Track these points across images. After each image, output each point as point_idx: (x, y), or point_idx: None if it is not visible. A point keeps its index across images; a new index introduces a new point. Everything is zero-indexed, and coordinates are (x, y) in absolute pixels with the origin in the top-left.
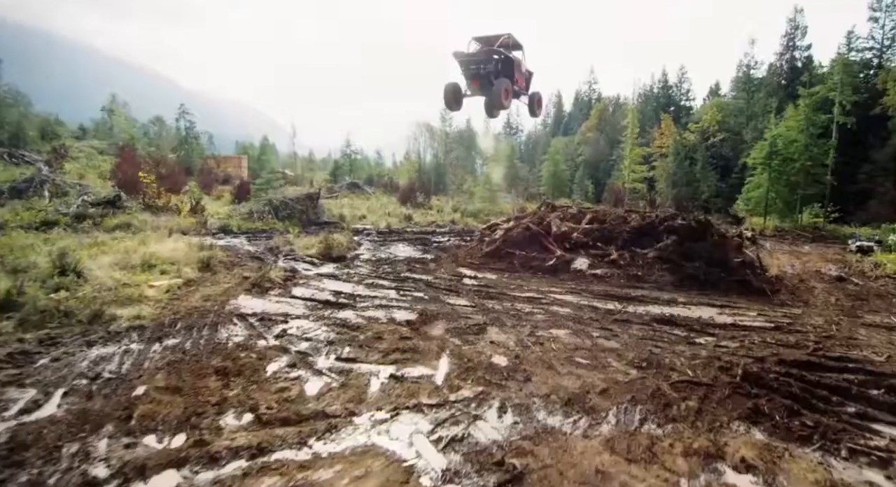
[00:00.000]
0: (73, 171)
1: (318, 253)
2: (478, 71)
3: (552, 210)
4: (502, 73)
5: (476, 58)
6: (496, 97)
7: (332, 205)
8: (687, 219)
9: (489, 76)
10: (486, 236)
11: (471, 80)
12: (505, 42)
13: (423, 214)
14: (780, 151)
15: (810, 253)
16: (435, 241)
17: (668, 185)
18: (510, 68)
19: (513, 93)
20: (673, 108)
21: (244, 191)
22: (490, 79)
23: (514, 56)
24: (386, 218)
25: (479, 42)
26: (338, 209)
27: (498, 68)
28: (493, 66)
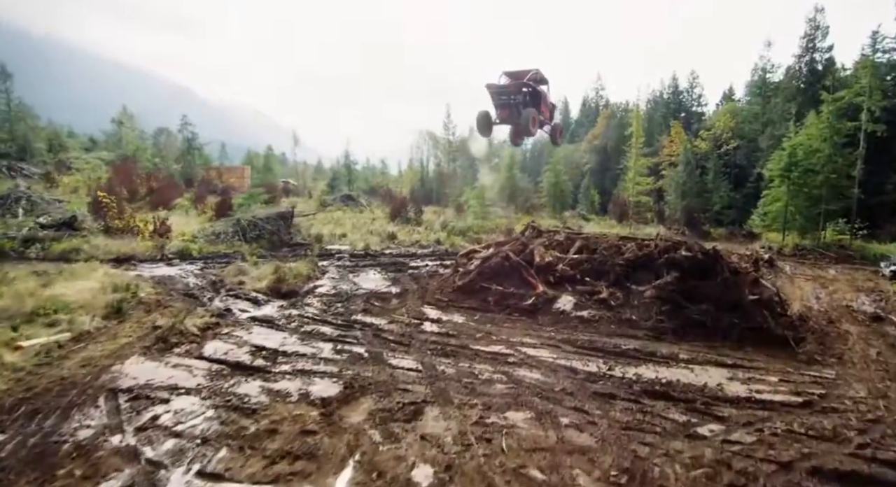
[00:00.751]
0: (71, 184)
1: (268, 288)
2: (508, 101)
3: (537, 235)
4: (530, 104)
5: (507, 90)
6: (524, 125)
7: (320, 219)
8: (692, 249)
9: (518, 106)
10: (462, 266)
11: (501, 110)
12: (533, 77)
13: (410, 232)
14: (801, 162)
15: (837, 278)
16: (411, 267)
17: (678, 196)
18: (537, 100)
19: (538, 122)
20: (684, 115)
21: (225, 207)
22: (519, 109)
23: (541, 89)
24: (367, 237)
25: (509, 76)
26: (320, 226)
27: (526, 100)
28: (522, 98)
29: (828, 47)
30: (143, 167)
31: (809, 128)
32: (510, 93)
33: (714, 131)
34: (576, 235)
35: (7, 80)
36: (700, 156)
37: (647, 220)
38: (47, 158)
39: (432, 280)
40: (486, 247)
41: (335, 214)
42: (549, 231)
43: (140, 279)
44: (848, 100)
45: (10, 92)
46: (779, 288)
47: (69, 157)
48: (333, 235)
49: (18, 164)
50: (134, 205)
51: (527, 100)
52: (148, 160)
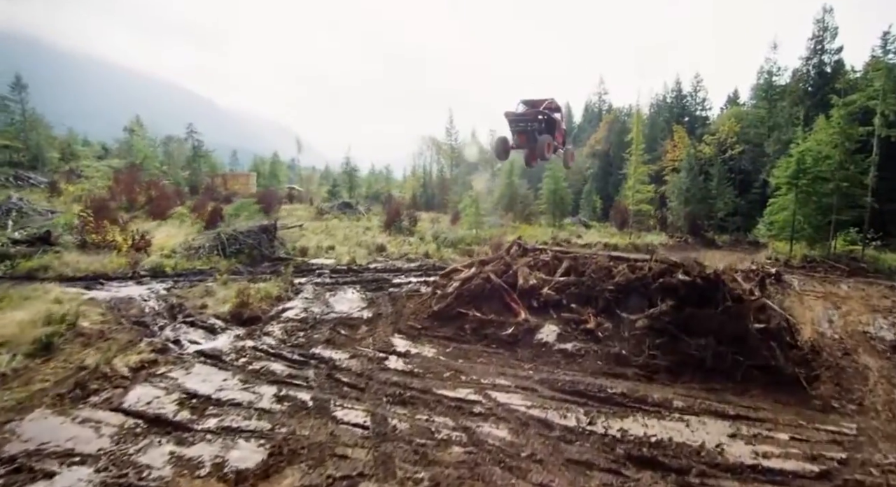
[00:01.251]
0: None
1: (230, 313)
2: (525, 128)
3: (523, 254)
4: (545, 131)
5: (524, 117)
6: (540, 150)
7: (312, 229)
8: (690, 273)
9: (534, 133)
10: (441, 287)
11: (518, 136)
12: (549, 105)
13: (401, 243)
14: (810, 169)
15: (850, 295)
16: (394, 284)
17: (681, 202)
18: (552, 127)
19: (552, 148)
20: (687, 119)
21: (215, 217)
22: (535, 135)
23: (555, 117)
24: (355, 249)
25: (526, 104)
26: (310, 238)
27: (542, 127)
28: (538, 125)
29: (837, 49)
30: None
31: (818, 133)
32: (527, 121)
33: (718, 136)
34: (564, 254)
35: (22, 91)
36: (704, 161)
37: (650, 227)
38: (59, 167)
39: (410, 301)
40: (468, 267)
41: (331, 222)
42: (536, 249)
43: (93, 303)
44: (860, 104)
45: (26, 102)
46: (787, 310)
47: (80, 166)
48: (320, 248)
49: (26, 173)
50: (132, 214)
51: (542, 128)
52: (156, 168)
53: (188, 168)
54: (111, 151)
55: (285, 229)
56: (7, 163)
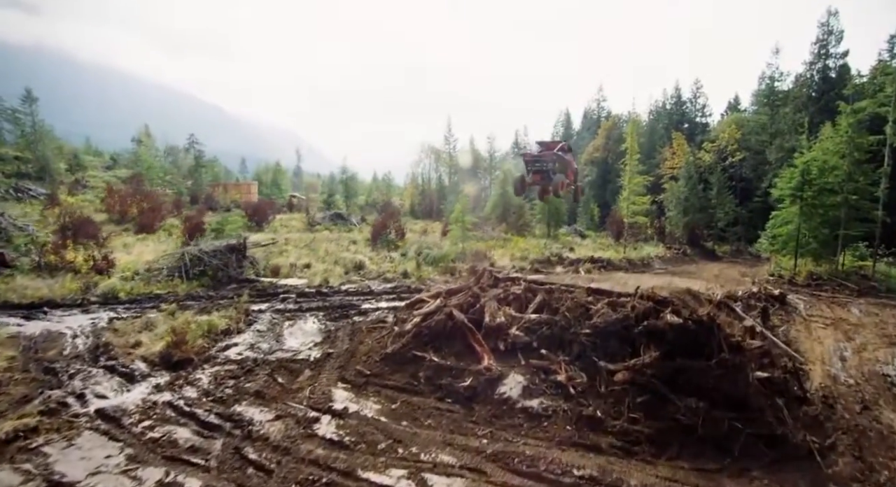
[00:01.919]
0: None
1: (160, 353)
2: (541, 168)
3: (493, 284)
4: (559, 171)
5: (541, 159)
6: (555, 189)
7: (297, 241)
8: (679, 313)
9: (549, 173)
10: (400, 322)
11: (533, 174)
12: (562, 147)
13: (383, 259)
14: (815, 180)
15: (862, 322)
16: (361, 311)
17: (679, 212)
18: (565, 167)
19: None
20: (687, 125)
21: (195, 231)
22: (549, 175)
23: (567, 158)
24: (332, 268)
25: (541, 145)
26: (290, 253)
27: (556, 167)
28: (552, 166)
29: (842, 53)
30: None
31: (825, 142)
32: (543, 162)
33: (718, 143)
34: (538, 286)
35: (33, 104)
36: (704, 168)
37: (648, 237)
38: (65, 177)
39: (370, 335)
40: (434, 297)
41: (319, 235)
42: (508, 279)
43: (11, 342)
44: (870, 111)
45: (36, 114)
46: (794, 343)
47: (86, 176)
48: (295, 266)
49: (26, 185)
50: (122, 227)
51: (556, 168)
52: (160, 177)
53: (190, 177)
54: (119, 161)
55: (257, 247)
56: (15, 174)
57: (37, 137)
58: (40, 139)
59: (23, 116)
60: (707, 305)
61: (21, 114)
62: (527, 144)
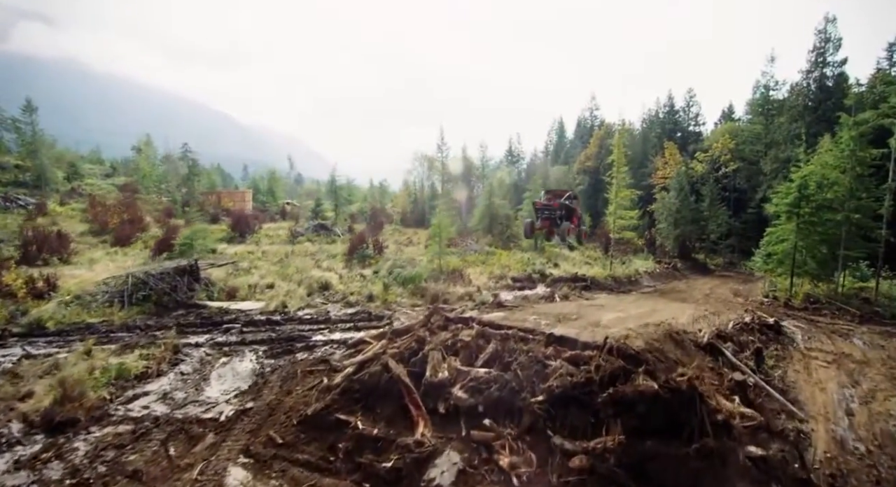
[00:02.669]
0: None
1: (44, 411)
2: (550, 216)
3: (444, 324)
4: (565, 218)
5: (549, 207)
6: (562, 234)
7: (275, 253)
8: (655, 374)
9: (557, 219)
10: (329, 373)
11: (542, 220)
12: (569, 196)
13: (353, 278)
14: (813, 196)
15: (867, 357)
16: (309, 344)
17: (670, 224)
18: (571, 214)
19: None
20: (680, 135)
21: (164, 245)
22: (557, 222)
23: (573, 206)
24: (296, 288)
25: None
26: (259, 268)
27: (563, 214)
28: (560, 213)
29: (840, 61)
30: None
31: (824, 155)
32: (552, 210)
33: (712, 153)
34: (494, 330)
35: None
36: (696, 179)
37: (638, 249)
38: (62, 186)
39: (304, 381)
40: (378, 338)
41: (298, 247)
42: (461, 320)
43: None
44: (874, 122)
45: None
46: (791, 389)
47: (82, 185)
48: (254, 287)
49: (17, 193)
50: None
51: (563, 215)
52: (155, 186)
53: (184, 186)
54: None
55: (214, 267)
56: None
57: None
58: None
59: (23, 125)
60: (692, 354)
61: (21, 123)
62: (520, 151)
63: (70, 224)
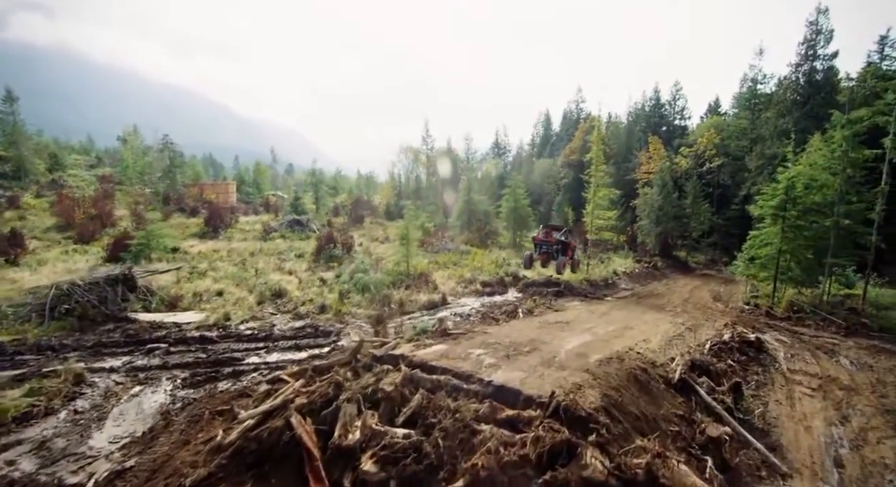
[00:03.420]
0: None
1: None
2: (547, 250)
3: (369, 365)
4: (561, 253)
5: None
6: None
7: (242, 250)
8: (608, 448)
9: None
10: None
11: (540, 254)
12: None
13: (311, 283)
14: (801, 199)
15: (856, 381)
16: (239, 369)
17: (652, 221)
18: (566, 248)
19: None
20: (665, 129)
21: (119, 247)
22: (553, 255)
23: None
24: (248, 296)
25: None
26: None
27: (559, 249)
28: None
29: (831, 54)
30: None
31: (813, 154)
32: (549, 245)
33: (696, 148)
34: (426, 374)
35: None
36: (680, 174)
37: (618, 246)
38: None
39: (209, 427)
40: (297, 376)
41: (268, 245)
42: (391, 358)
43: None
44: (868, 122)
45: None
46: (772, 427)
47: (64, 176)
48: (201, 295)
49: None
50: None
51: (559, 249)
52: (139, 178)
53: (165, 178)
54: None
55: (155, 274)
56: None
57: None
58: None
59: (4, 115)
60: (659, 400)
61: (2, 113)
62: (507, 144)
63: (41, 218)
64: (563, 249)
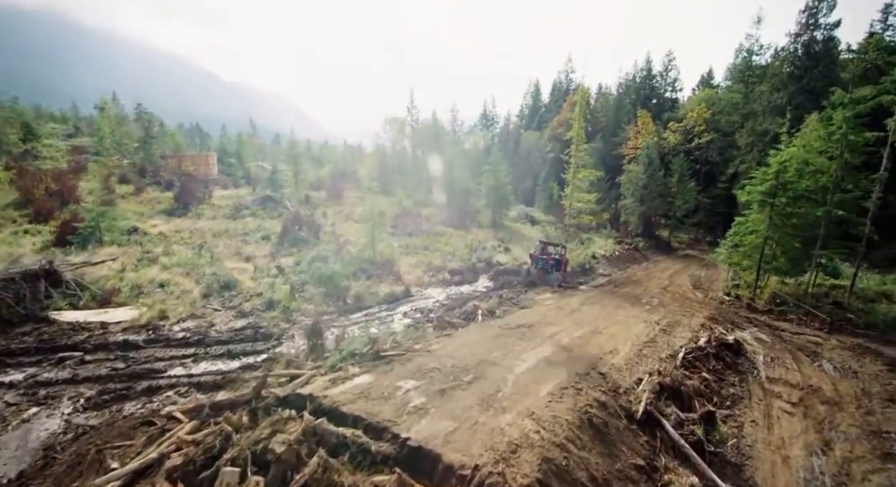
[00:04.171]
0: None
1: None
2: (543, 266)
3: (270, 406)
4: (555, 269)
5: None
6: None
7: (209, 230)
8: None
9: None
10: None
11: (537, 270)
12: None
13: (267, 272)
14: (792, 185)
15: (839, 392)
16: (158, 383)
17: (636, 200)
18: (559, 265)
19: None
20: (655, 101)
21: (68, 230)
22: (548, 270)
23: (563, 257)
24: (194, 288)
25: (543, 243)
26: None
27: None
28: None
29: (833, 24)
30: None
31: (809, 135)
32: (545, 262)
33: (685, 123)
34: (334, 423)
35: None
36: (668, 150)
37: (601, 225)
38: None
39: (89, 472)
40: (193, 412)
41: (241, 223)
42: (296, 398)
43: None
44: (873, 102)
45: None
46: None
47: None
48: (141, 288)
49: None
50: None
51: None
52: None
53: (142, 149)
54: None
55: (85, 266)
56: None
57: None
58: None
59: None
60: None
61: None
62: (495, 115)
63: (4, 193)
64: (557, 265)
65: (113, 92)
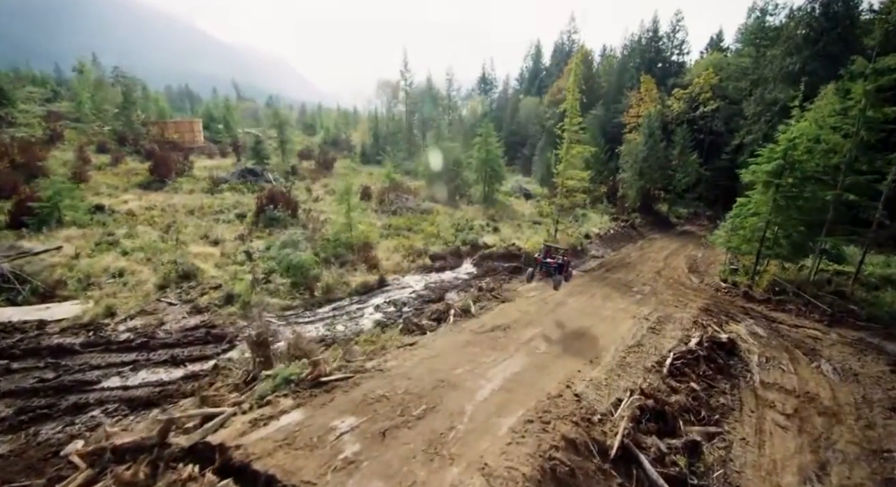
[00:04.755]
0: None
1: None
2: (547, 269)
3: (174, 457)
4: (558, 272)
5: (546, 261)
6: (556, 284)
7: (184, 206)
8: None
9: (553, 271)
10: None
11: (540, 272)
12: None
13: (233, 258)
14: (801, 165)
15: (837, 400)
16: (84, 400)
17: (635, 173)
18: (562, 268)
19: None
20: (661, 65)
21: (22, 211)
22: (551, 272)
23: (566, 260)
24: (150, 278)
25: (547, 247)
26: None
27: (556, 268)
28: (555, 267)
29: None
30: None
31: (823, 108)
32: (549, 266)
33: (691, 90)
34: None
35: None
36: (671, 118)
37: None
38: None
39: None
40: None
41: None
42: (205, 448)
43: None
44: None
45: None
46: None
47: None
48: (90, 278)
49: None
50: None
51: (556, 269)
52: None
53: (122, 115)
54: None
55: (27, 256)
56: None
57: None
58: None
59: None
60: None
61: None
62: (494, 78)
63: None
64: (560, 269)
65: (92, 53)
